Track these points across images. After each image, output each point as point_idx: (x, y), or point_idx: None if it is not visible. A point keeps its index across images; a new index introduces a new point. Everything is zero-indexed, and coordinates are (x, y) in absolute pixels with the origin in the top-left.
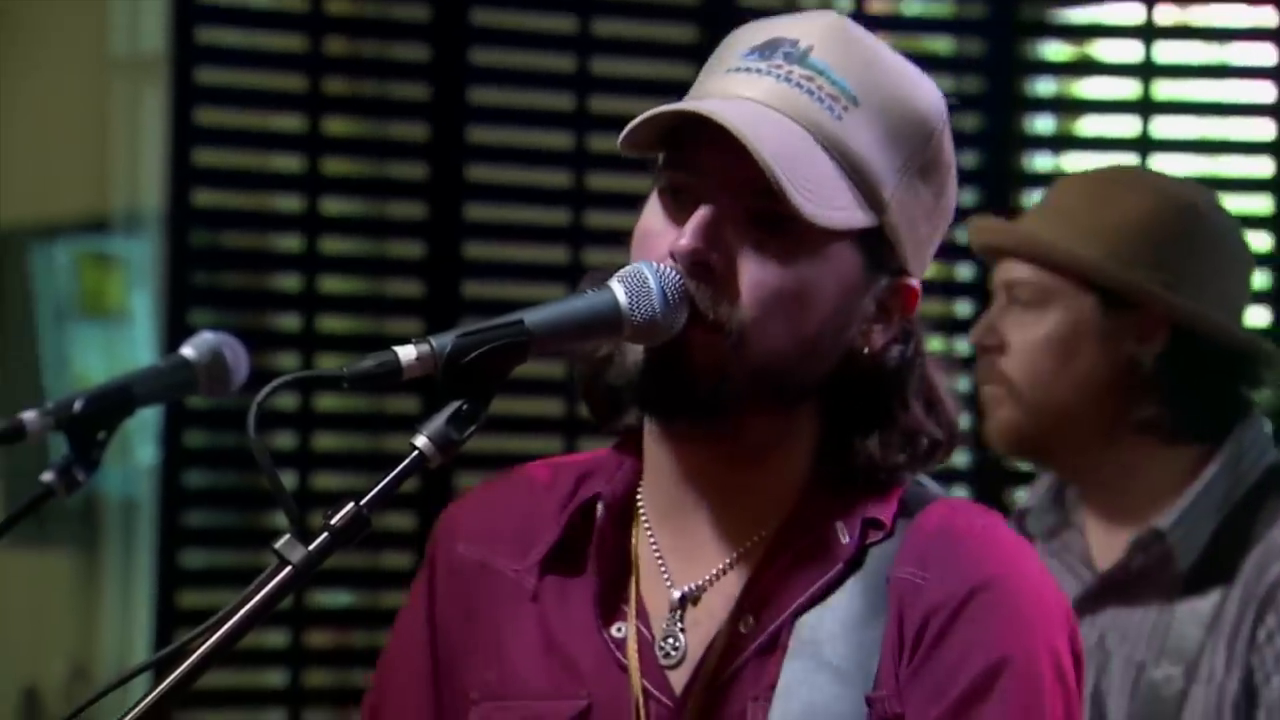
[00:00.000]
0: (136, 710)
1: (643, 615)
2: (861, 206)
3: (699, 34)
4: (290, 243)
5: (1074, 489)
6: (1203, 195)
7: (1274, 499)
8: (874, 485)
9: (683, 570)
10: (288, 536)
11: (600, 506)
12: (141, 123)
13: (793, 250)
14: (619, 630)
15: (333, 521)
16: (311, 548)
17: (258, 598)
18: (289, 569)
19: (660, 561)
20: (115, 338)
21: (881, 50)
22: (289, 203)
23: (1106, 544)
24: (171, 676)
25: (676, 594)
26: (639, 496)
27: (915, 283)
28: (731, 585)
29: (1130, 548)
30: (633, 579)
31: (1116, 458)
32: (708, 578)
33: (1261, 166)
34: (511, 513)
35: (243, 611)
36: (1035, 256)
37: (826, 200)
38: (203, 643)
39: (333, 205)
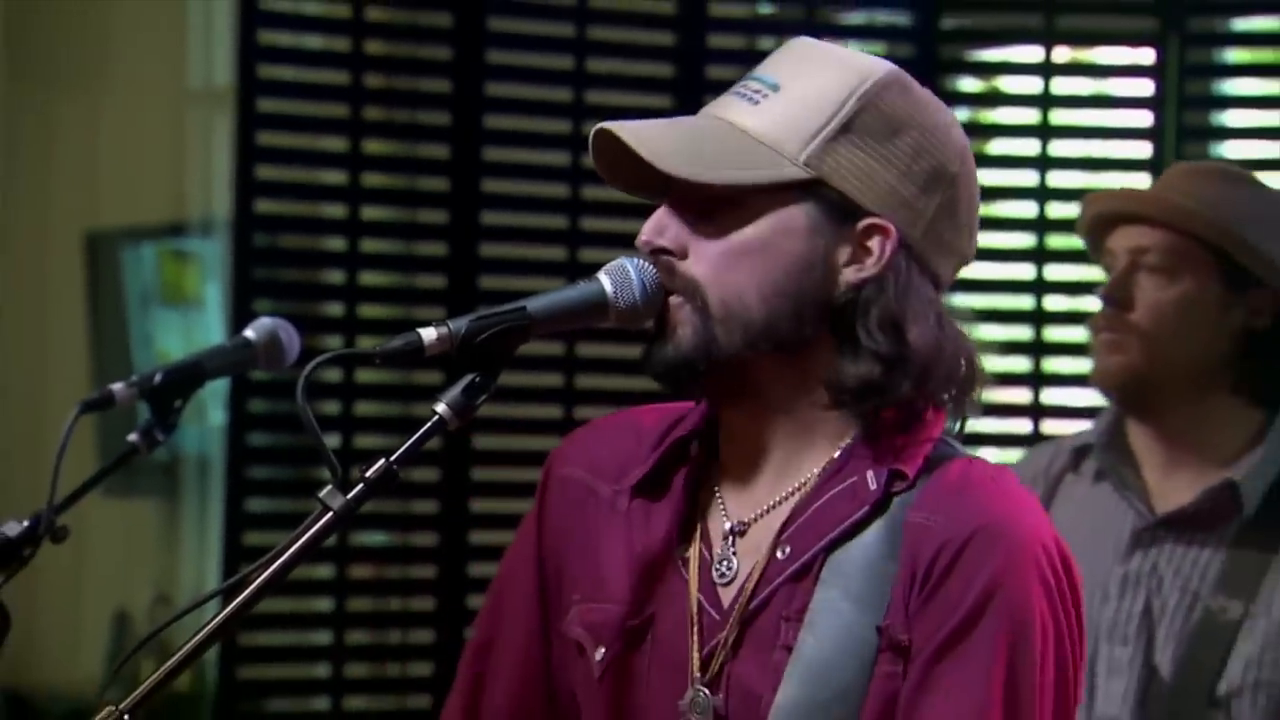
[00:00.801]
0: (209, 628)
1: (706, 541)
2: (776, 164)
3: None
4: (336, 244)
5: (1141, 432)
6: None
7: None
8: (898, 432)
9: (737, 506)
10: (330, 487)
11: (695, 444)
12: (213, 144)
13: (729, 218)
14: (686, 551)
15: (368, 474)
16: (350, 496)
17: (306, 537)
18: (331, 514)
19: (720, 499)
20: (191, 322)
21: (820, 46)
22: (334, 210)
23: (1166, 484)
24: (236, 601)
25: (728, 525)
26: (714, 441)
27: (885, 222)
28: (775, 520)
29: (1202, 494)
30: (702, 508)
31: (1204, 411)
32: (757, 513)
33: (1141, 180)
34: (613, 446)
35: (294, 549)
36: (1176, 222)
37: (724, 164)
38: (262, 573)
39: (371, 212)
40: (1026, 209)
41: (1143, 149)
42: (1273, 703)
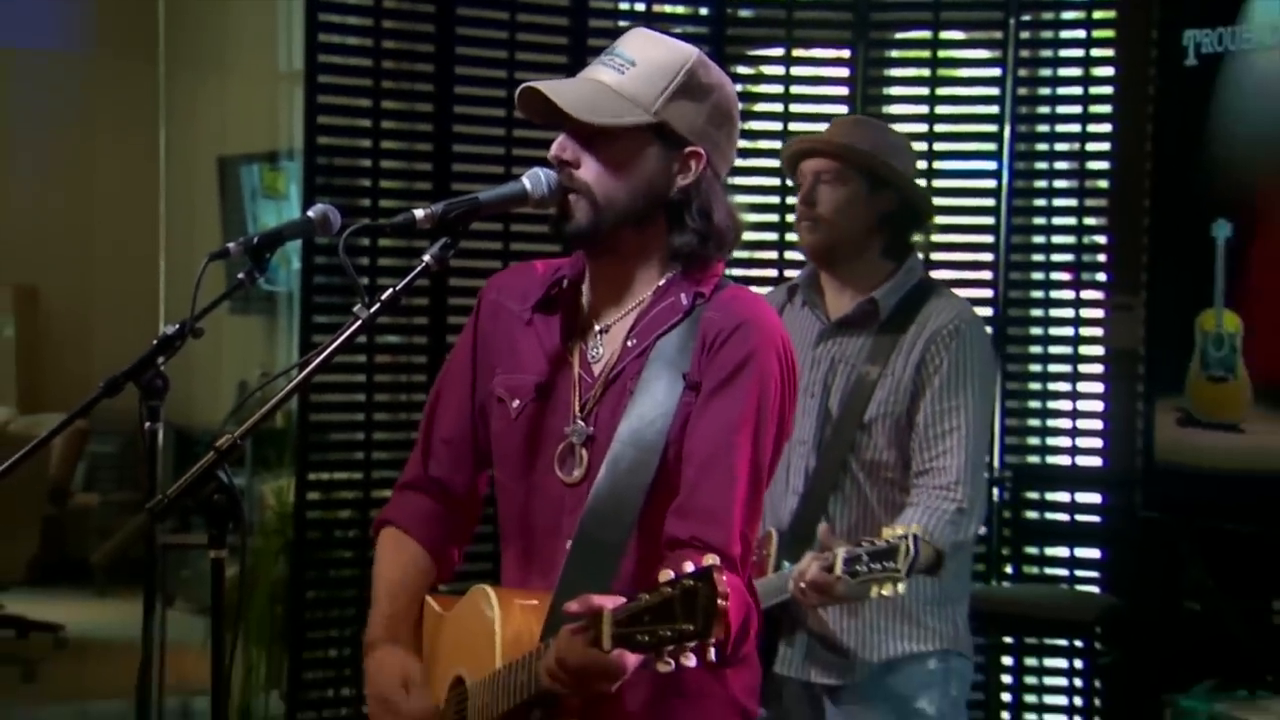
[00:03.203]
0: (289, 387)
1: (582, 338)
2: (634, 112)
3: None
4: (364, 163)
5: (826, 276)
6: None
7: (928, 291)
8: (700, 272)
9: (601, 317)
10: (359, 304)
11: (565, 281)
12: (293, 104)
13: (609, 144)
14: (570, 344)
15: (383, 297)
16: (371, 310)
17: (344, 335)
18: (359, 321)
19: (590, 313)
20: (280, 208)
21: (656, 35)
22: (364, 143)
23: (837, 304)
24: (305, 370)
25: (598, 326)
26: (584, 278)
27: (699, 149)
28: (625, 324)
29: (856, 306)
30: (578, 319)
31: (862, 262)
32: (614, 320)
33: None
34: (519, 282)
35: (337, 342)
36: (838, 153)
37: (600, 111)
38: (319, 356)
39: (387, 143)
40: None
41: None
42: (891, 422)
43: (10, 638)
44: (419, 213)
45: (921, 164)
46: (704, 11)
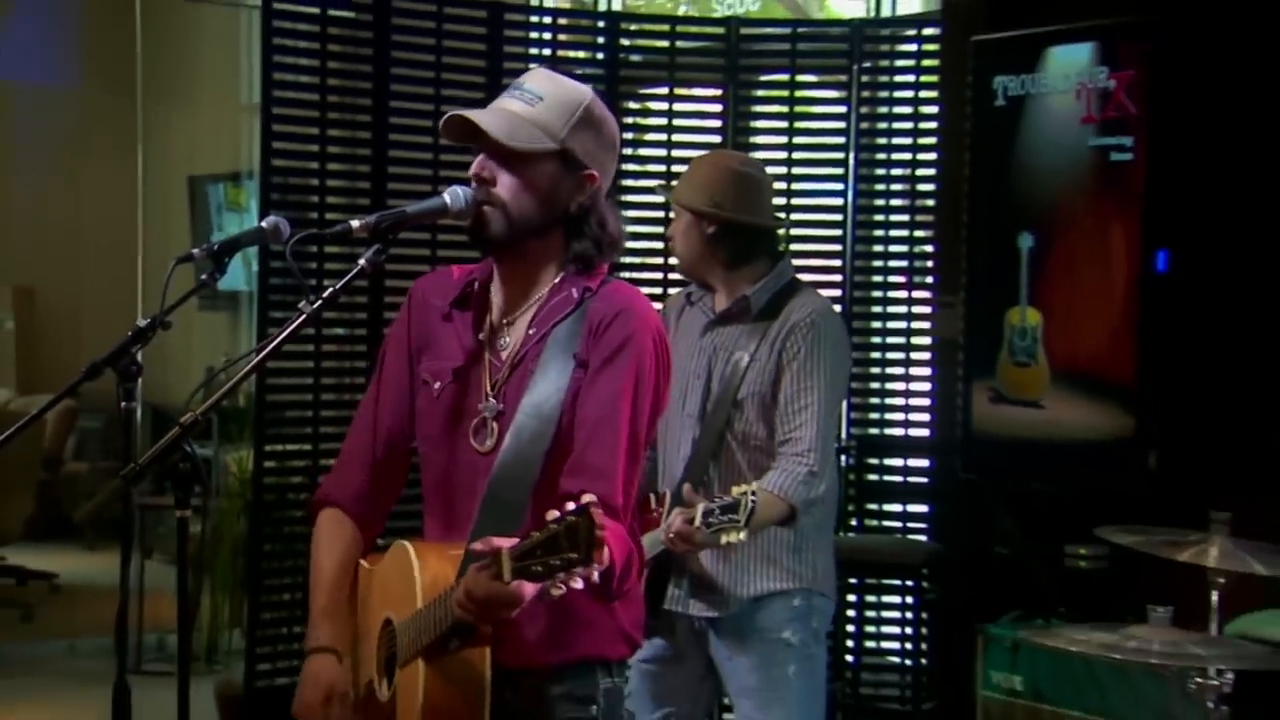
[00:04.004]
0: (245, 370)
1: (492, 329)
2: (544, 140)
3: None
4: (312, 181)
5: (711, 281)
6: (743, 160)
7: (794, 289)
8: (588, 272)
9: (508, 311)
10: (304, 300)
11: (476, 283)
12: (252, 132)
13: (522, 166)
14: (483, 334)
15: (324, 295)
16: (313, 305)
17: (290, 328)
18: (304, 315)
19: (497, 308)
20: (242, 218)
21: (558, 75)
22: (311, 164)
23: (721, 301)
24: (259, 356)
25: (505, 319)
26: (493, 279)
27: (594, 171)
28: (527, 316)
29: (733, 302)
30: (488, 314)
31: (720, 273)
32: (518, 313)
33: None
34: (440, 283)
35: (284, 333)
36: (672, 197)
37: (519, 138)
38: (271, 343)
39: (331, 165)
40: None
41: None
42: (759, 400)
43: (11, 585)
44: (355, 223)
45: (781, 185)
46: (600, 56)
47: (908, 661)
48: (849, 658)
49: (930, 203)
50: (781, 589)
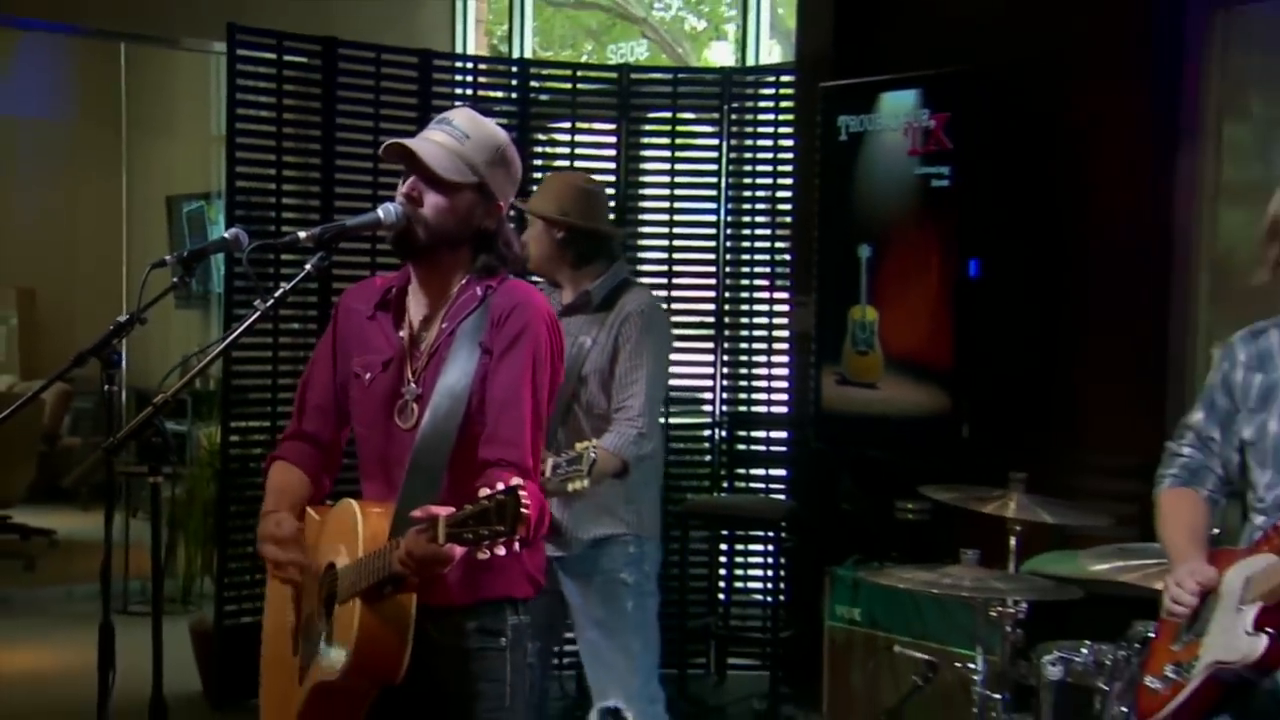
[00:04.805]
0: (210, 355)
1: (411, 327)
2: (468, 174)
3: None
4: (269, 199)
5: (559, 278)
6: (586, 179)
7: (627, 286)
8: (491, 276)
9: (423, 311)
10: (258, 299)
11: (395, 289)
12: (219, 159)
13: (447, 191)
14: (403, 331)
15: (275, 296)
16: (267, 304)
17: (247, 322)
18: (259, 312)
19: (415, 309)
20: (212, 231)
21: (479, 117)
22: (268, 185)
23: (567, 296)
24: (223, 345)
25: (422, 317)
26: (410, 285)
27: (501, 200)
28: (439, 314)
29: (578, 295)
30: (406, 315)
31: (567, 272)
32: (432, 312)
33: (609, 181)
34: (365, 291)
35: (243, 327)
36: (533, 211)
37: (449, 170)
38: (228, 337)
39: (287, 186)
40: None
41: (609, 171)
42: (599, 376)
43: (15, 540)
44: (302, 234)
45: (665, 205)
46: (513, 95)
47: (769, 599)
48: (721, 596)
49: (788, 219)
50: (616, 534)
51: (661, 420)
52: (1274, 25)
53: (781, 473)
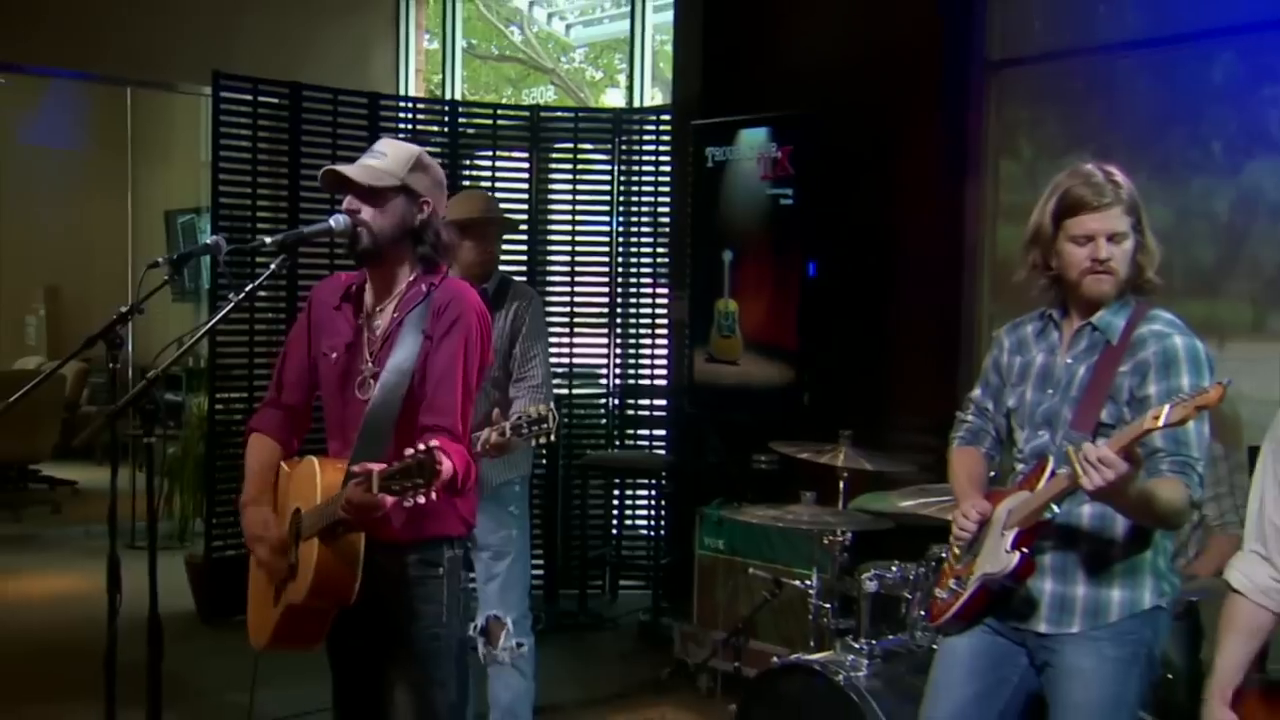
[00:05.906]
0: (198, 334)
1: (368, 315)
2: (390, 180)
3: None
4: (245, 213)
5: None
6: (484, 196)
7: (510, 283)
8: (433, 272)
9: (378, 302)
10: (231, 292)
11: (354, 286)
12: (207, 181)
13: (379, 200)
14: (361, 319)
15: (246, 290)
16: (240, 296)
17: (222, 313)
18: (232, 303)
19: (370, 300)
20: (201, 239)
21: (398, 141)
22: (244, 202)
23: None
24: (199, 333)
25: (377, 308)
26: (366, 281)
27: (427, 199)
28: (391, 305)
29: (494, 286)
30: (364, 308)
31: (490, 268)
32: (385, 304)
33: (522, 199)
34: (331, 287)
35: (221, 314)
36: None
37: (373, 179)
38: (207, 325)
39: (262, 202)
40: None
41: (523, 190)
42: (503, 354)
43: (44, 489)
44: (267, 240)
45: (568, 219)
46: (446, 129)
47: (652, 533)
48: (614, 531)
49: (667, 230)
50: (508, 478)
51: (564, 390)
52: (1038, 84)
53: (662, 433)
